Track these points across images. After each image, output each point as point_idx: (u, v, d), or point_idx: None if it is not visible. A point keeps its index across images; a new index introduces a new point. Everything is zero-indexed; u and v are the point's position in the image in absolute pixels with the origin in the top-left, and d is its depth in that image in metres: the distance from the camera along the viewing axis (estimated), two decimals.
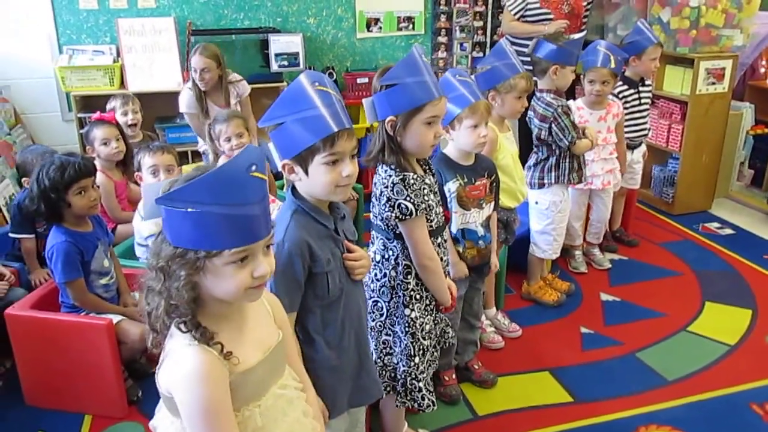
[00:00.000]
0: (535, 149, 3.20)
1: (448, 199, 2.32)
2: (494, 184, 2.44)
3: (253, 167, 1.18)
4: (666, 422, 2.48)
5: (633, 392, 2.65)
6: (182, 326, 1.22)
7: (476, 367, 2.71)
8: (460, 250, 2.39)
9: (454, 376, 2.63)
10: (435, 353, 2.17)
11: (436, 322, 2.12)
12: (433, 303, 2.06)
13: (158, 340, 1.26)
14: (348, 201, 3.74)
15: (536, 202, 3.23)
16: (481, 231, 2.40)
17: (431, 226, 1.97)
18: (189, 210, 1.14)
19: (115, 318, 2.48)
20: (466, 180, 2.32)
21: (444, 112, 1.87)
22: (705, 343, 2.99)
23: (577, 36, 3.24)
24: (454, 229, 2.36)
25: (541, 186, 3.17)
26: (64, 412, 2.52)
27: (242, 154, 1.19)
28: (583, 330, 3.11)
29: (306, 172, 1.54)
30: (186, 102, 3.87)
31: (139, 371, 2.67)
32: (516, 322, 3.09)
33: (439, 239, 2.03)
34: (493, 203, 2.45)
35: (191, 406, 1.20)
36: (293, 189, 1.63)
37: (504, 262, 3.10)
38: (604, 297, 3.42)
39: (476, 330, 2.72)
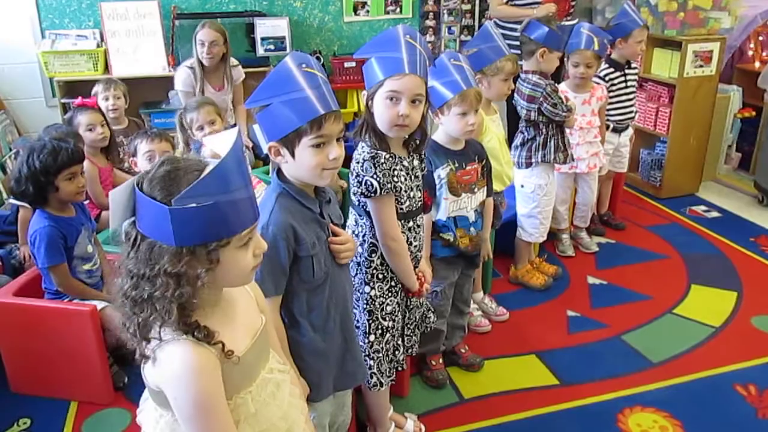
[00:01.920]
0: (521, 129, 3.19)
1: (438, 186, 2.31)
2: (485, 168, 2.44)
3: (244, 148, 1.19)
4: (651, 404, 2.50)
5: (618, 374, 2.67)
6: (185, 327, 1.18)
7: (463, 350, 2.72)
8: (451, 239, 2.37)
9: (441, 360, 2.64)
10: (413, 337, 2.17)
11: (409, 306, 2.12)
12: (399, 284, 2.04)
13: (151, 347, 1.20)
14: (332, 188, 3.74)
15: (522, 186, 3.22)
16: (472, 217, 2.39)
17: (402, 209, 1.96)
18: (199, 205, 1.11)
19: (100, 304, 2.46)
20: (457, 165, 2.31)
21: (413, 90, 1.82)
22: (690, 326, 3.01)
23: (569, 23, 3.23)
24: (443, 217, 2.35)
25: (528, 165, 3.15)
26: (50, 399, 2.51)
27: (235, 145, 1.18)
28: (570, 313, 3.12)
29: (292, 154, 1.53)
30: (182, 80, 3.86)
31: (124, 357, 2.66)
32: (503, 306, 3.10)
33: (411, 223, 2.02)
34: (485, 188, 2.45)
35: (185, 403, 1.17)
36: (279, 172, 1.62)
37: (491, 245, 3.09)
38: (591, 280, 3.44)
39: (465, 316, 2.72)
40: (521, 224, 3.30)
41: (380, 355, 2.05)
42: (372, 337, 2.02)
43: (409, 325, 2.14)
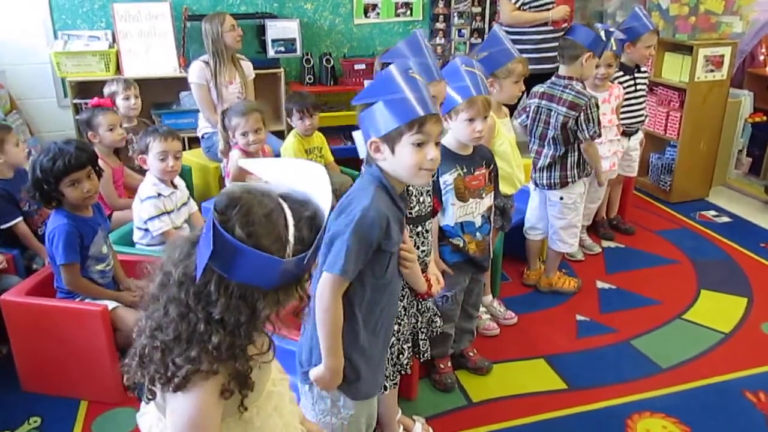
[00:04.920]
0: (547, 146, 3.06)
1: (443, 191, 2.31)
2: (493, 173, 2.43)
3: None
4: (660, 410, 2.49)
5: (627, 380, 2.66)
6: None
7: (471, 354, 2.72)
8: (460, 244, 2.37)
9: (449, 363, 2.64)
10: (426, 342, 2.16)
11: (420, 310, 2.12)
12: (407, 289, 2.04)
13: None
14: (342, 191, 3.75)
15: (561, 198, 3.13)
16: (478, 222, 2.39)
17: (411, 214, 1.97)
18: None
19: (111, 304, 2.48)
20: (465, 170, 2.31)
21: (441, 95, 1.85)
22: (700, 331, 3.00)
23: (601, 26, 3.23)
24: (451, 222, 2.35)
25: (564, 185, 3.08)
26: (60, 397, 2.53)
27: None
28: (579, 317, 3.12)
29: (392, 151, 1.58)
30: (197, 73, 3.92)
31: None
32: (512, 310, 3.09)
33: (420, 228, 2.02)
34: (492, 193, 2.44)
35: (181, 419, 1.16)
36: (374, 165, 1.66)
37: (500, 249, 3.10)
38: (600, 285, 3.43)
39: (474, 319, 2.72)
40: (560, 237, 3.22)
41: (390, 356, 2.05)
42: None
43: (421, 329, 2.14)
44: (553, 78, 3.06)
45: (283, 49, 4.60)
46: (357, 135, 1.77)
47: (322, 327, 1.62)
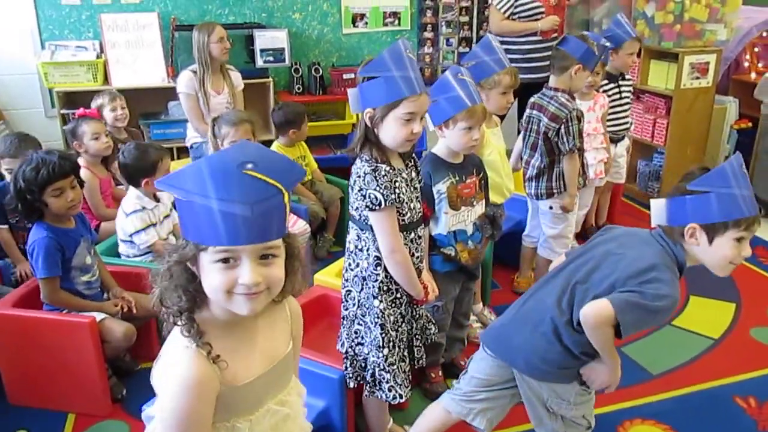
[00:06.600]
0: (536, 157, 3.05)
1: (437, 200, 2.31)
2: (483, 181, 2.44)
3: (249, 165, 1.09)
4: (651, 416, 2.49)
5: (618, 386, 2.64)
6: (173, 317, 1.18)
7: (462, 363, 2.69)
8: (452, 254, 2.37)
9: (440, 372, 2.63)
10: (421, 349, 2.16)
11: (415, 317, 2.11)
12: (405, 296, 2.04)
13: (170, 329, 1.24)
14: (332, 201, 3.76)
15: (550, 207, 3.12)
16: (470, 230, 2.39)
17: (404, 221, 1.96)
18: (179, 198, 1.12)
19: (99, 316, 2.45)
20: (457, 178, 2.32)
21: (424, 109, 1.84)
22: (689, 337, 3.01)
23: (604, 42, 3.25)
24: (444, 231, 2.35)
25: (550, 195, 3.07)
26: (47, 411, 2.50)
27: (234, 149, 1.14)
28: None
29: (711, 242, 1.68)
30: (185, 83, 3.89)
31: (123, 369, 2.66)
32: None
33: (413, 234, 2.02)
34: (483, 201, 2.45)
35: (169, 412, 1.17)
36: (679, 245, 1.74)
37: (490, 257, 3.09)
38: None
39: (464, 328, 2.71)
40: (550, 246, 3.20)
41: (395, 367, 2.03)
42: (386, 351, 2.01)
43: (417, 336, 2.13)
44: (544, 88, 3.07)
45: (271, 58, 4.60)
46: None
47: (601, 344, 1.78)
